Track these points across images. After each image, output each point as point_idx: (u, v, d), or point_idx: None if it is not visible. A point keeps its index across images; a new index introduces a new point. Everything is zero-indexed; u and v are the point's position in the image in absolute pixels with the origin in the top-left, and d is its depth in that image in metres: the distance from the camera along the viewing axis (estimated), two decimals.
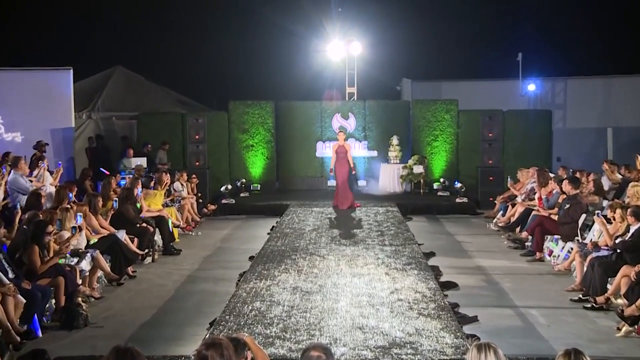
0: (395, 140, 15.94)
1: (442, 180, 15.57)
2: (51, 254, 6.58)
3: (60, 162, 11.33)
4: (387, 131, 16.51)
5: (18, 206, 8.28)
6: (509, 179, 11.72)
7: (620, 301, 6.45)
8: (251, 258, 8.84)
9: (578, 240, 8.15)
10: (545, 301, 6.96)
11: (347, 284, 7.11)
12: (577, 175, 10.32)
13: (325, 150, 16.56)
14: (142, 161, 13.56)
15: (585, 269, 7.17)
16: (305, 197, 14.87)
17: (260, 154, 16.47)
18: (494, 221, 11.62)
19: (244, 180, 15.86)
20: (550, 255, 8.85)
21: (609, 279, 6.75)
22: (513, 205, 11.17)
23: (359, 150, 16.69)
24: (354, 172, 12.93)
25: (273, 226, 11.47)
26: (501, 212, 11.72)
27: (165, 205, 10.98)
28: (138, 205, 9.57)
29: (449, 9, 24.08)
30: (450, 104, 16.33)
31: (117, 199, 8.99)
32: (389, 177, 15.75)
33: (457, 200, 13.88)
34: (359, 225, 11.00)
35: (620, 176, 10.60)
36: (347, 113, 16.89)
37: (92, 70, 19.03)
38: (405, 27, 23.09)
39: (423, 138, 16.33)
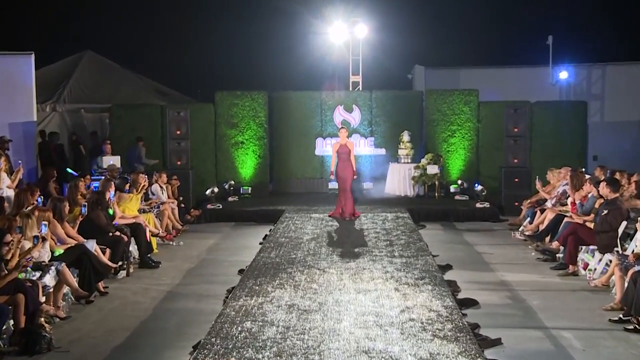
0: (406, 137, 15.96)
1: (460, 182, 15.60)
2: (10, 268, 6.56)
3: (19, 161, 11.31)
4: (397, 126, 16.52)
5: None
6: (537, 181, 11.69)
7: None
8: (241, 272, 8.82)
9: (618, 251, 8.12)
10: (580, 322, 6.94)
11: (351, 302, 7.10)
12: (617, 176, 10.30)
13: (326, 148, 16.60)
14: (116, 160, 13.56)
15: (626, 284, 7.14)
16: (303, 201, 14.87)
17: (251, 152, 16.49)
18: (520, 229, 11.62)
19: (232, 182, 15.90)
20: (585, 269, 8.83)
21: None
22: (542, 211, 11.15)
23: (364, 148, 16.72)
24: (356, 177, 12.67)
25: (266, 235, 11.46)
26: (528, 219, 11.71)
27: (142, 211, 10.96)
28: (111, 211, 9.56)
29: None
30: (469, 95, 16.36)
31: (86, 203, 8.97)
32: (398, 179, 15.77)
33: (478, 205, 13.89)
34: (364, 234, 10.99)
35: None
36: (350, 105, 16.92)
37: (57, 55, 19.05)
38: (418, 7, 23.14)
39: (438, 134, 16.35)
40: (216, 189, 14.82)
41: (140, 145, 15.32)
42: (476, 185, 14.77)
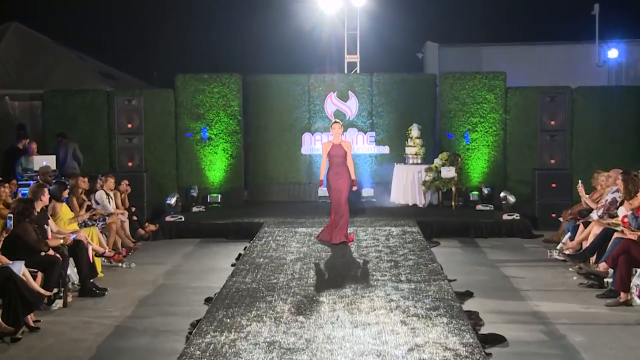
0: (415, 131, 16.04)
1: (482, 188, 15.68)
2: None
3: None
4: (404, 117, 16.60)
5: None
6: (579, 186, 11.71)
7: None
8: (208, 300, 8.80)
9: None
10: None
11: (347, 338, 7.10)
12: None
13: (315, 146, 16.64)
14: (50, 160, 13.50)
15: None
16: (287, 212, 14.89)
17: (221, 150, 16.51)
18: (559, 247, 11.65)
19: (197, 188, 15.89)
20: None
21: None
22: (586, 225, 11.19)
23: (363, 146, 16.79)
24: (355, 188, 11.98)
25: (240, 254, 11.45)
26: (568, 234, 11.74)
27: (84, 224, 10.93)
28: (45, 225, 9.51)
29: None
30: (494, 79, 16.47)
31: (11, 215, 8.91)
32: (405, 184, 15.86)
33: (505, 216, 13.95)
34: (363, 254, 10.99)
35: None
36: (346, 92, 16.98)
37: None
38: None
39: (455, 127, 16.45)
40: (177, 197, 14.79)
41: (65, 142, 15.13)
42: (503, 192, 14.85)
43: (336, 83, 17.02)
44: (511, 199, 14.46)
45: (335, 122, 11.92)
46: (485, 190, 15.55)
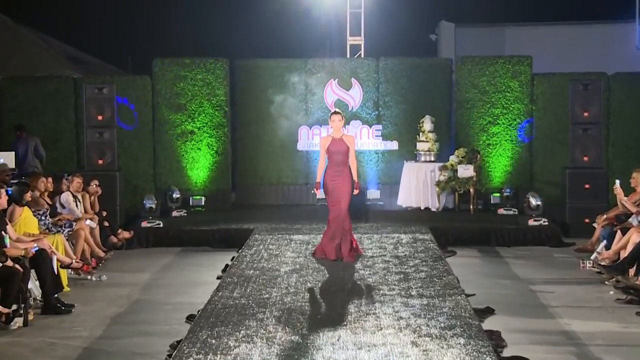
0: (427, 124, 16.06)
1: (505, 189, 15.68)
2: None
3: None
4: (415, 108, 16.63)
5: None
6: (616, 187, 11.67)
7: None
8: (190, 318, 8.79)
9: None
10: None
11: None
12: None
13: (313, 140, 16.64)
14: (7, 158, 13.47)
15: None
16: (281, 217, 14.94)
17: (205, 146, 16.52)
18: (593, 257, 11.64)
19: (178, 189, 15.88)
20: None
21: None
22: (624, 232, 11.18)
23: (368, 140, 16.81)
24: (357, 192, 11.39)
25: (227, 266, 11.45)
26: (604, 242, 11.73)
27: (47, 230, 10.91)
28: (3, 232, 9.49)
29: None
30: (519, 64, 16.49)
31: None
32: (417, 185, 15.89)
33: (531, 222, 13.95)
34: (368, 265, 10.99)
35: None
36: (348, 79, 16.99)
37: None
38: None
39: (474, 120, 16.46)
40: (155, 200, 14.78)
41: (25, 137, 15.09)
42: (529, 194, 14.84)
43: (337, 69, 17.02)
44: (538, 202, 14.46)
45: (335, 112, 11.48)
46: (508, 192, 15.55)
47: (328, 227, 11.42)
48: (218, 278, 10.77)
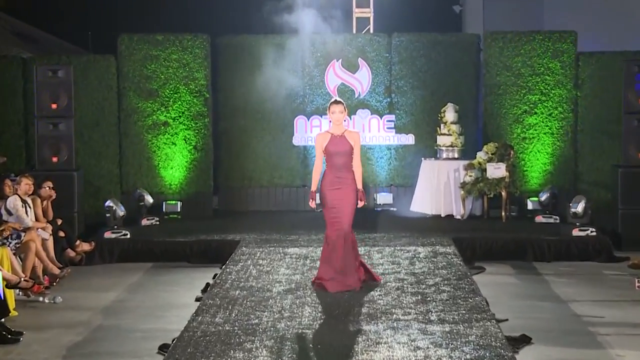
0: (450, 114, 16.08)
1: (544, 192, 15.66)
2: None
3: None
4: (435, 95, 16.64)
5: None
6: None
7: None
8: (163, 349, 8.78)
9: None
10: None
11: None
12: None
13: (313, 133, 16.61)
14: None
15: None
16: (272, 226, 15.00)
17: (181, 140, 16.50)
18: None
19: (148, 193, 15.88)
20: None
21: None
22: None
23: (378, 134, 16.81)
24: (362, 203, 10.77)
25: (208, 285, 11.43)
26: None
27: None
28: None
29: None
30: (560, 41, 16.50)
31: None
32: (437, 187, 15.92)
33: (576, 232, 13.95)
34: (378, 284, 10.98)
35: None
36: (354, 59, 16.98)
37: None
38: None
39: (506, 109, 16.45)
40: (121, 205, 14.75)
41: None
42: (574, 199, 14.81)
43: (341, 47, 17.00)
44: (584, 207, 14.42)
45: (335, 102, 10.85)
46: (548, 196, 15.52)
47: (325, 249, 10.87)
48: (197, 300, 10.74)
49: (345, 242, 10.62)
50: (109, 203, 14.69)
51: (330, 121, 11.01)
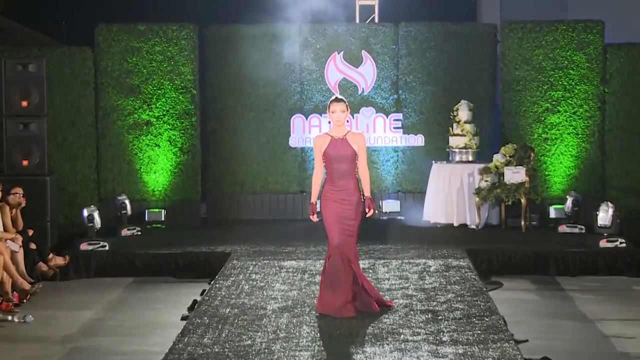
0: (464, 112, 16.11)
1: (568, 199, 15.64)
2: None
3: None
4: (447, 91, 16.68)
5: None
6: None
7: None
8: None
9: None
10: None
11: None
12: None
13: (311, 134, 16.61)
14: None
15: None
16: (267, 237, 15.00)
17: (166, 141, 16.50)
18: None
19: (129, 199, 15.89)
20: None
21: None
22: None
23: (384, 134, 16.79)
24: (370, 212, 10.43)
25: (195, 302, 11.42)
26: None
27: None
28: None
29: None
30: (586, 32, 16.54)
31: None
32: (449, 193, 15.96)
33: (604, 243, 13.92)
34: (384, 302, 10.95)
35: None
36: (358, 52, 16.99)
37: None
38: None
39: (526, 107, 16.47)
40: (98, 213, 14.72)
41: None
42: (601, 206, 14.79)
43: (343, 38, 17.02)
44: (612, 216, 14.40)
45: (336, 100, 10.40)
46: (573, 203, 15.51)
47: (325, 270, 10.44)
48: (183, 319, 10.71)
49: (351, 262, 10.23)
50: (89, 211, 14.62)
51: (330, 122, 10.71)
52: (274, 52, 16.84)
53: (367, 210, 10.32)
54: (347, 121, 10.76)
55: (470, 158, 15.92)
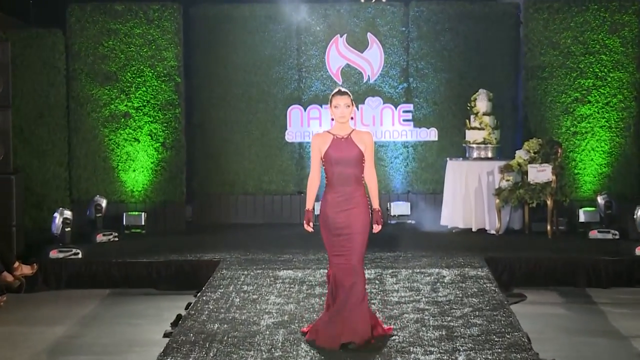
0: (482, 102, 16.13)
1: (599, 200, 15.66)
2: None
3: None
4: (464, 79, 16.71)
5: None
6: None
7: None
8: None
9: None
10: None
11: None
12: None
13: (310, 127, 16.65)
14: None
15: None
16: (260, 243, 15.04)
17: (146, 135, 16.53)
18: None
19: (105, 201, 15.93)
20: None
21: None
22: None
23: (392, 128, 16.82)
24: (378, 227, 9.86)
25: (179, 316, 11.41)
26: None
27: None
28: None
29: None
30: (620, 12, 16.53)
31: None
32: (466, 194, 16.02)
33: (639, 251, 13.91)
34: (393, 315, 10.98)
35: None
36: (363, 34, 17.01)
37: None
38: None
39: (552, 97, 16.48)
40: (70, 215, 14.71)
41: None
42: (636, 208, 14.80)
43: (346, 19, 17.02)
44: None
45: (339, 92, 9.92)
46: (605, 205, 15.50)
47: (328, 304, 9.97)
48: (166, 336, 10.69)
49: (348, 283, 9.64)
50: (60, 214, 14.60)
51: (332, 118, 9.94)
52: (268, 35, 16.85)
53: (374, 225, 9.75)
54: (352, 118, 10.06)
55: (490, 154, 15.92)
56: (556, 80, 16.42)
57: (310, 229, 9.75)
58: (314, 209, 9.80)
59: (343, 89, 9.88)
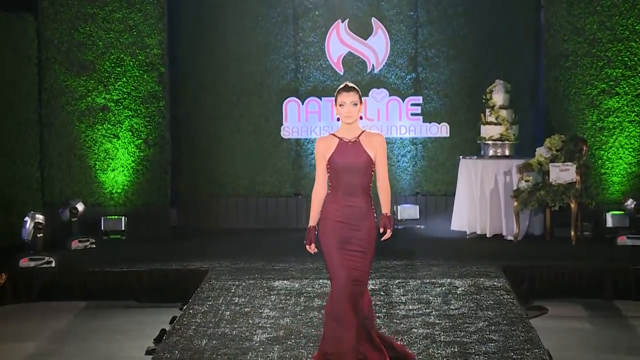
0: (499, 95, 16.16)
1: (629, 203, 15.64)
2: None
3: None
4: (478, 69, 16.70)
5: None
6: None
7: None
8: None
9: None
10: None
11: None
12: None
13: (308, 122, 16.65)
14: None
15: None
16: (253, 251, 15.09)
17: (126, 131, 16.55)
18: None
19: (81, 204, 15.89)
20: None
21: None
22: None
23: (400, 122, 16.82)
24: (388, 235, 9.43)
25: (163, 332, 11.43)
26: None
27: None
28: None
29: None
30: None
31: None
32: (481, 196, 16.05)
33: None
34: (400, 329, 10.99)
35: None
36: (367, 21, 17.03)
37: None
38: None
39: (577, 88, 16.49)
40: (42, 220, 14.71)
41: None
42: None
43: (348, 3, 17.02)
44: None
45: (345, 88, 9.40)
46: (635, 208, 15.49)
47: (327, 322, 9.39)
48: (148, 353, 10.70)
49: (359, 303, 9.24)
50: (31, 219, 14.61)
51: (337, 118, 9.37)
52: (262, 20, 16.87)
53: (381, 230, 9.28)
54: (361, 117, 9.59)
55: (507, 152, 15.93)
56: (581, 70, 16.40)
57: (312, 251, 9.20)
58: (317, 227, 9.26)
59: (350, 85, 9.40)
